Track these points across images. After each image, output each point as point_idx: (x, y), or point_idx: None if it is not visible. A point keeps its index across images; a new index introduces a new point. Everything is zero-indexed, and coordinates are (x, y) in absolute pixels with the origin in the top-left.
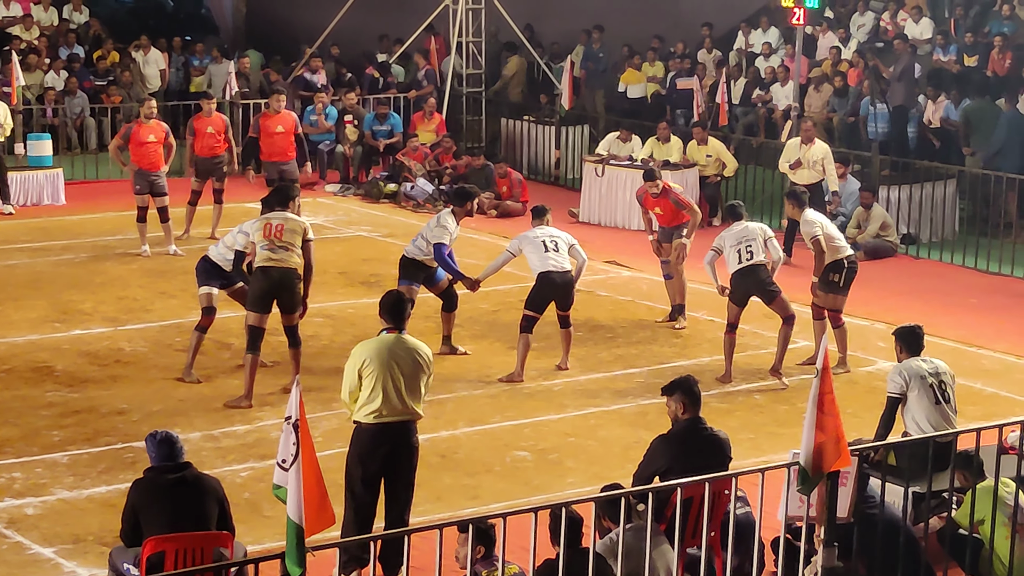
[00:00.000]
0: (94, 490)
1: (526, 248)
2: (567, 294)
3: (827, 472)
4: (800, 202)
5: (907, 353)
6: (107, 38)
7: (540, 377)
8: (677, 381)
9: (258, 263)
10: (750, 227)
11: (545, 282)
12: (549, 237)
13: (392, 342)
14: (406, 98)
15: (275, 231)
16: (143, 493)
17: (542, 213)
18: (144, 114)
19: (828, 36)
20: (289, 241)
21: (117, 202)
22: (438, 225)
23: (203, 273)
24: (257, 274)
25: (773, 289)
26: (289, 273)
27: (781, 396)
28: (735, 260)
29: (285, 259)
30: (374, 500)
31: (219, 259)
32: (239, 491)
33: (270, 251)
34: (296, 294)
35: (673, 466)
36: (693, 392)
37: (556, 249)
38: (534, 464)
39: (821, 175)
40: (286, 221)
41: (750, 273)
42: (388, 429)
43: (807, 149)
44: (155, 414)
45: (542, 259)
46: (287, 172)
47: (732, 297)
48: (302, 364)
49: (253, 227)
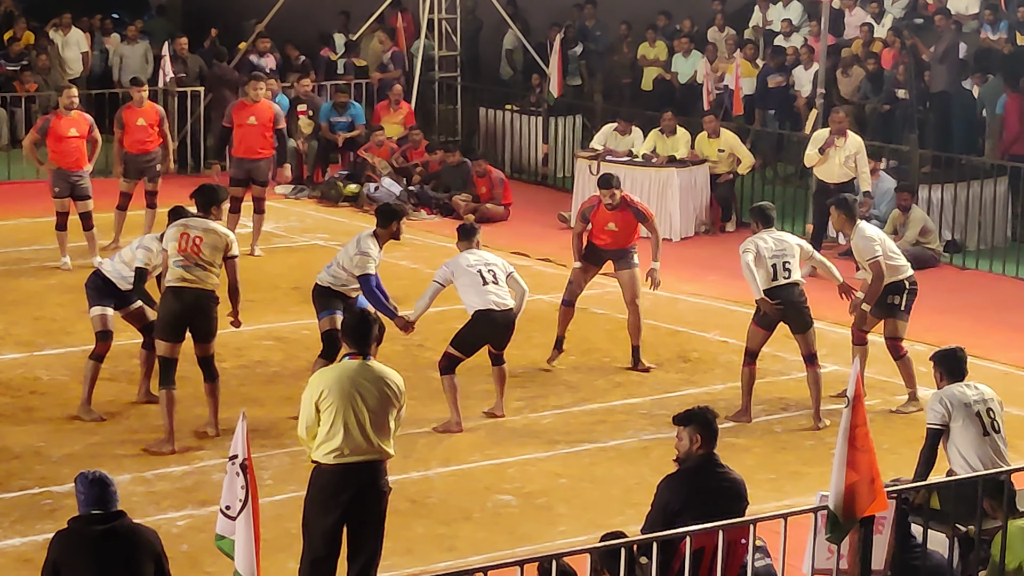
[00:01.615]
0: (6, 543)
1: (459, 279)
2: (507, 334)
3: (860, 518)
4: (851, 212)
5: (948, 379)
6: (20, 16)
7: (526, 408)
8: (693, 411)
9: (170, 282)
10: (787, 239)
11: (484, 321)
12: (485, 266)
13: (355, 370)
14: (369, 84)
15: (192, 245)
16: (66, 547)
17: (471, 234)
18: (64, 104)
19: (858, 12)
20: (207, 259)
21: (33, 207)
22: (359, 252)
23: (95, 291)
24: (168, 296)
25: (808, 317)
26: (205, 296)
27: (806, 431)
28: (767, 275)
29: (202, 279)
30: (335, 552)
31: (114, 275)
32: (176, 543)
33: (184, 269)
34: (213, 320)
35: (683, 509)
36: (710, 425)
37: (495, 281)
38: (519, 510)
39: (853, 173)
40: (206, 234)
41: (784, 292)
42: (351, 471)
43: (839, 143)
44: (76, 455)
45: (480, 294)
46: (255, 171)
47: (760, 320)
48: (248, 394)
49: (167, 235)
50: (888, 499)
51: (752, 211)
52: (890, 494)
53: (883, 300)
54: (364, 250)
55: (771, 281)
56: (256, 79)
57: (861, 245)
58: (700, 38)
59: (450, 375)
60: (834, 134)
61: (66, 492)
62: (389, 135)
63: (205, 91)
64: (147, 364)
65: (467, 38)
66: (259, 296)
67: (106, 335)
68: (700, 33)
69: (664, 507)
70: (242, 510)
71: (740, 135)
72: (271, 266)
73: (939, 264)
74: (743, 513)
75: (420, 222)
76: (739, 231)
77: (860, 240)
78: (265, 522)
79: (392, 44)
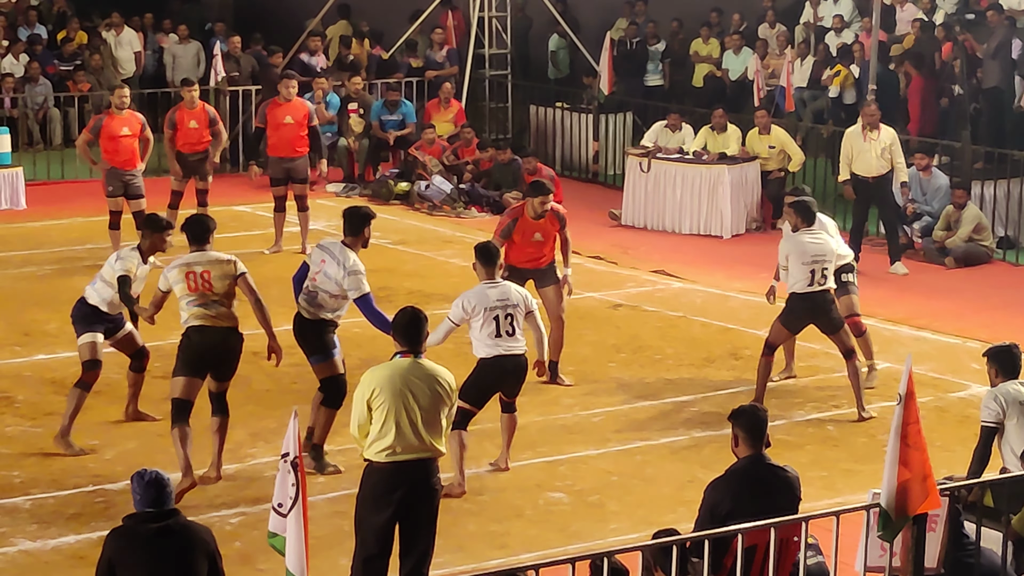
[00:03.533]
0: (61, 540)
1: (476, 320)
2: (518, 381)
3: (913, 515)
4: (809, 216)
5: (1003, 376)
6: (73, 16)
7: (577, 406)
8: (739, 409)
9: (189, 322)
10: (827, 244)
11: (491, 369)
12: (504, 310)
13: (407, 368)
14: (420, 83)
15: (202, 282)
16: (121, 545)
17: (493, 258)
18: (116, 104)
19: (909, 7)
20: (221, 292)
21: (86, 206)
22: (349, 273)
23: (82, 319)
24: (191, 335)
25: (837, 318)
26: (232, 334)
27: (858, 427)
28: (804, 279)
29: (223, 316)
30: (387, 550)
31: (100, 302)
32: (229, 540)
33: (202, 307)
34: (237, 359)
35: (734, 510)
36: (755, 424)
37: (511, 332)
38: (571, 507)
39: (889, 165)
40: (212, 266)
41: (817, 298)
42: (403, 468)
43: (872, 136)
44: (131, 452)
45: (490, 344)
46: (294, 170)
47: (787, 320)
48: (300, 392)
49: (169, 278)
50: (941, 496)
51: (795, 206)
52: (943, 491)
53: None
54: (354, 268)
55: (807, 286)
56: (288, 77)
57: None
58: (751, 34)
59: (459, 431)
60: (867, 127)
61: (119, 490)
62: (440, 133)
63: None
64: (135, 385)
65: (517, 36)
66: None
67: (95, 364)
68: (751, 29)
69: (712, 509)
70: (292, 507)
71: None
72: None
73: (992, 260)
74: (796, 510)
75: (471, 220)
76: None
77: None
78: (318, 519)
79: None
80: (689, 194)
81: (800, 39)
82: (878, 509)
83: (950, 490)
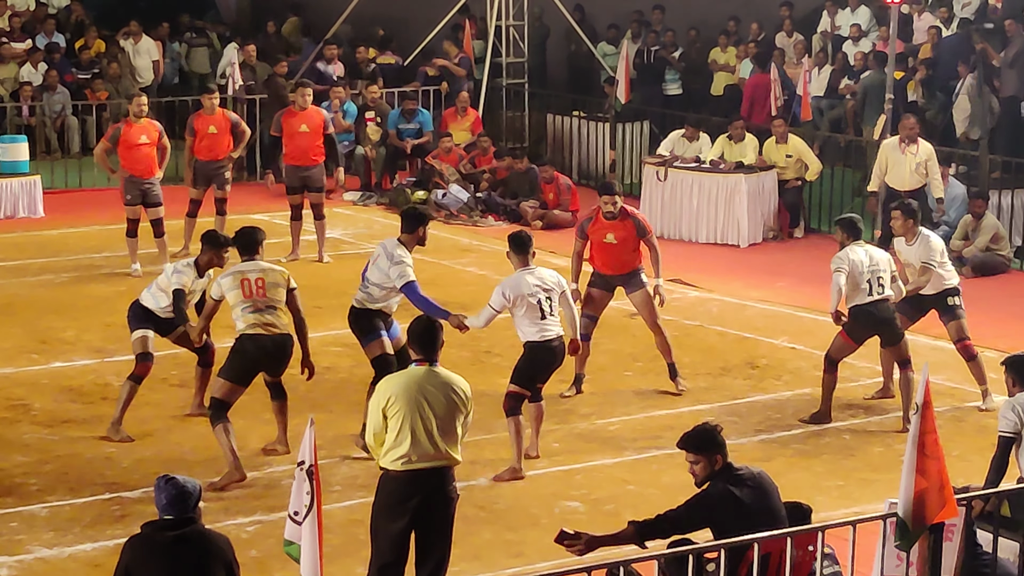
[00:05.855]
0: (77, 547)
1: (519, 308)
2: (558, 365)
3: (930, 525)
4: (915, 217)
5: (1020, 386)
6: (91, 24)
7: (593, 415)
8: (691, 434)
9: (244, 329)
10: (877, 254)
11: (542, 353)
12: (544, 292)
13: (422, 376)
14: (436, 92)
15: (256, 288)
16: (139, 553)
17: (526, 247)
18: (134, 112)
19: (926, 16)
20: (274, 299)
21: (104, 214)
22: (395, 263)
23: (135, 317)
24: (245, 342)
25: (899, 330)
26: (286, 341)
27: (875, 437)
28: (862, 291)
29: (277, 323)
30: (403, 558)
31: (154, 307)
32: (245, 548)
33: (257, 314)
34: (289, 359)
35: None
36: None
37: (552, 313)
38: (587, 516)
39: (924, 179)
40: (265, 274)
41: (879, 309)
42: (419, 477)
43: (910, 150)
44: (147, 460)
45: (538, 326)
46: (310, 179)
47: (851, 333)
48: (316, 400)
49: (223, 285)
50: (958, 506)
51: (841, 223)
52: (960, 501)
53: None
54: (399, 259)
55: (866, 297)
56: (303, 86)
57: (922, 252)
58: (768, 43)
59: (516, 416)
60: (904, 141)
61: (136, 498)
62: (457, 142)
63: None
64: (202, 379)
65: (534, 45)
66: (327, 303)
67: (146, 356)
68: (768, 38)
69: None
70: (307, 515)
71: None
72: (339, 272)
73: (1009, 270)
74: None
75: (488, 228)
76: (807, 237)
77: (923, 248)
78: (334, 528)
79: (459, 51)
80: (706, 203)
81: (818, 48)
82: (895, 519)
83: (967, 499)
